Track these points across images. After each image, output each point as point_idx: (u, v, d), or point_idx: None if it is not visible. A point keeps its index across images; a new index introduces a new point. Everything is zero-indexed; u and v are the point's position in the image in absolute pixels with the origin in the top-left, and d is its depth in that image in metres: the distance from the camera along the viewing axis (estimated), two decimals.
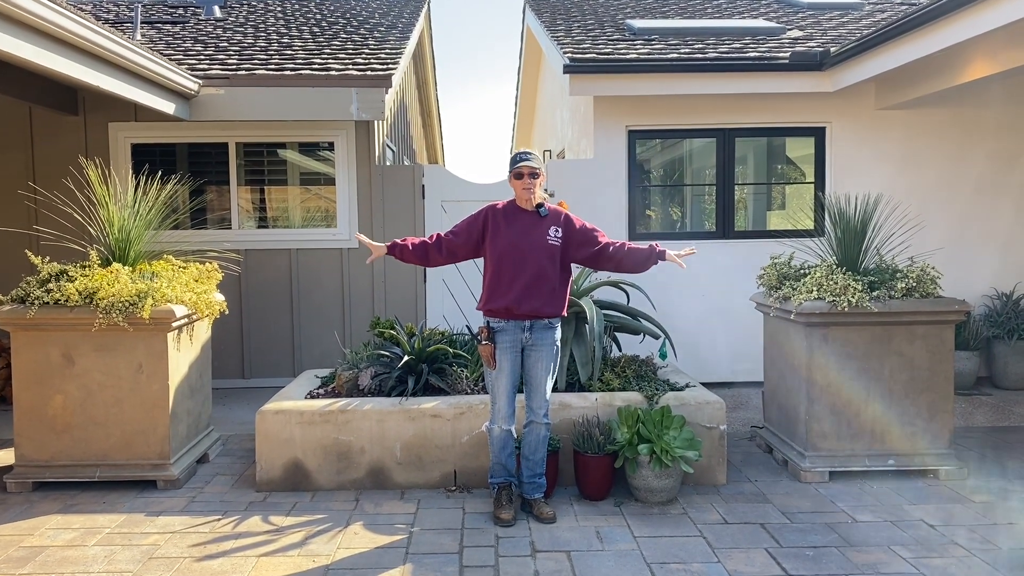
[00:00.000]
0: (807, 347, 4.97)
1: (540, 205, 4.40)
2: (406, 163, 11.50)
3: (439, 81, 14.10)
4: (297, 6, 10.51)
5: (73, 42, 4.84)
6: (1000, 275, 7.72)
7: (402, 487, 4.88)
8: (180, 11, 9.74)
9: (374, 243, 4.53)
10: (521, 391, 4.60)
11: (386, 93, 6.73)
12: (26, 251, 5.37)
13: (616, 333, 5.69)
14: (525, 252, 4.31)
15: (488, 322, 4.40)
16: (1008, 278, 7.71)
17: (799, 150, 7.94)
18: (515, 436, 4.50)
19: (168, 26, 8.90)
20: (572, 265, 4.55)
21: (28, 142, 7.52)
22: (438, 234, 4.52)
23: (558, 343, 4.48)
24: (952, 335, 4.99)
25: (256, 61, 7.25)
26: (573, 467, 4.78)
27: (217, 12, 9.55)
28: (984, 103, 7.51)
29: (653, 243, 4.49)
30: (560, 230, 4.40)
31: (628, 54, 7.24)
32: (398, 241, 4.51)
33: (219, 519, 4.41)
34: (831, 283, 4.95)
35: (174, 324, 4.85)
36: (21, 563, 3.86)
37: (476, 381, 5.22)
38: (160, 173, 5.52)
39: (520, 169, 4.34)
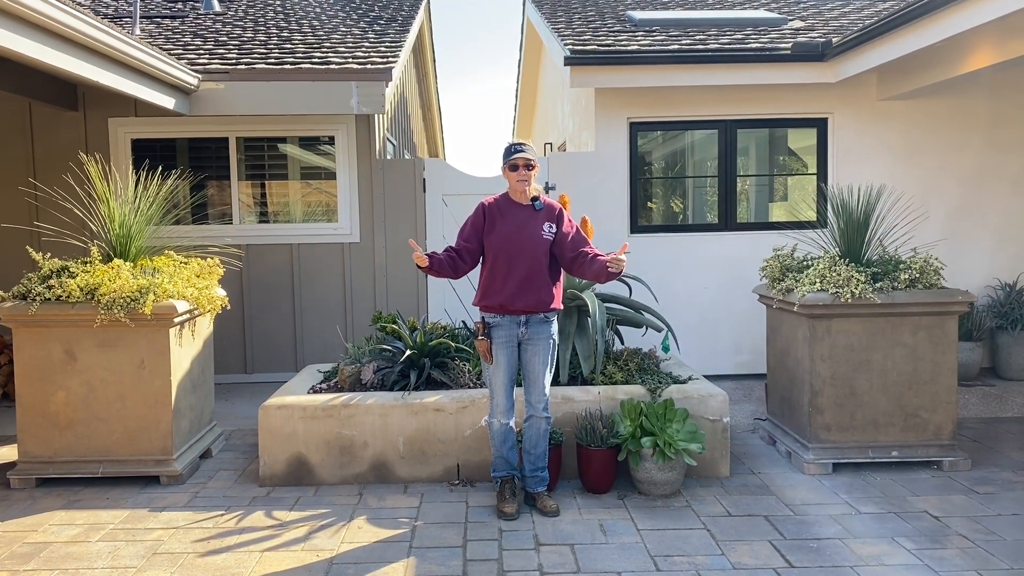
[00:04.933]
0: (810, 339, 4.96)
1: (535, 198, 4.36)
2: (407, 157, 11.48)
3: (439, 74, 14.07)
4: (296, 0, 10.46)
5: (73, 38, 4.82)
6: (1003, 265, 7.70)
7: (405, 481, 4.88)
8: (179, 6, 9.70)
9: (419, 250, 4.22)
10: (520, 385, 4.60)
11: (386, 87, 6.71)
12: (27, 247, 5.37)
13: (619, 326, 5.67)
14: (519, 248, 4.28)
15: (484, 317, 4.39)
16: (1011, 268, 7.68)
17: (801, 141, 7.92)
18: (515, 430, 4.50)
19: (167, 21, 8.87)
20: None
21: (28, 138, 7.50)
22: (453, 247, 4.37)
23: (555, 336, 4.45)
24: (955, 326, 4.97)
25: (256, 55, 7.23)
26: (576, 460, 4.78)
27: (216, 6, 9.51)
28: (986, 93, 7.48)
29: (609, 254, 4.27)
30: (554, 226, 4.35)
31: (629, 46, 7.21)
32: (436, 254, 4.29)
33: (223, 514, 4.42)
34: (834, 275, 4.93)
35: (176, 320, 4.85)
36: (26, 559, 3.86)
37: (478, 375, 5.21)
38: (160, 168, 5.52)
39: (515, 161, 4.28)
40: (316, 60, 7.02)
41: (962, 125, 7.60)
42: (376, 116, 7.75)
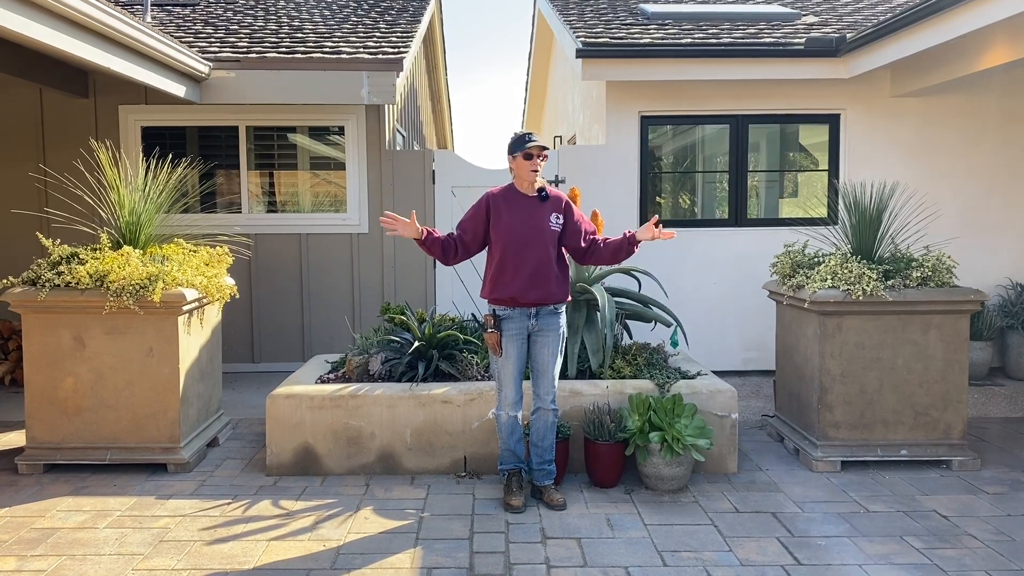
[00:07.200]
0: (820, 336, 4.93)
1: (541, 189, 4.34)
2: (416, 148, 11.46)
3: (449, 66, 13.98)
4: None
5: (84, 23, 4.81)
6: (1015, 265, 7.64)
7: (412, 472, 4.88)
8: None
9: (408, 222, 4.24)
10: (528, 377, 4.58)
11: (397, 77, 6.69)
12: (37, 233, 5.37)
13: (627, 320, 5.65)
14: (528, 240, 4.25)
15: (494, 310, 4.36)
16: (1022, 268, 7.63)
17: (813, 137, 7.87)
18: (522, 422, 4.49)
19: (179, 8, 8.86)
20: None
21: (39, 125, 7.51)
22: (450, 234, 4.40)
23: (564, 328, 4.44)
24: (967, 325, 4.94)
25: (267, 44, 7.21)
26: (584, 454, 4.77)
27: None
28: (1001, 90, 7.42)
29: (627, 230, 4.40)
30: (561, 216, 4.34)
31: (641, 39, 7.17)
32: (431, 231, 4.31)
33: (229, 503, 4.42)
34: (845, 272, 4.90)
35: (184, 308, 4.85)
36: (33, 545, 3.87)
37: (486, 367, 5.20)
38: (170, 156, 5.51)
39: (530, 149, 4.23)
40: (327, 49, 7.00)
41: (976, 123, 7.54)
42: (386, 107, 7.73)
